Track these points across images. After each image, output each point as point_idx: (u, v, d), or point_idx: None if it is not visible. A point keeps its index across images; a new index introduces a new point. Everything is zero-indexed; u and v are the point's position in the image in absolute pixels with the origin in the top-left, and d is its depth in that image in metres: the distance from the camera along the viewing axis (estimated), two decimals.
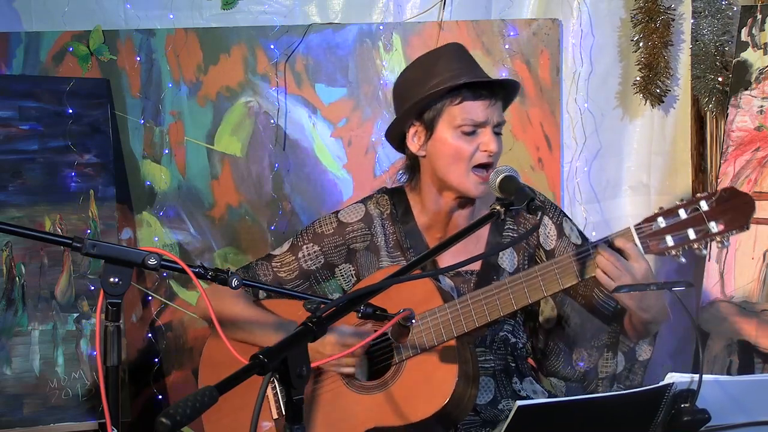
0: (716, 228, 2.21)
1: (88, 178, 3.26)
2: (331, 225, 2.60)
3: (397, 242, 2.57)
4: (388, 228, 2.59)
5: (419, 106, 2.46)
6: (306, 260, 2.59)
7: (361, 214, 2.60)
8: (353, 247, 2.59)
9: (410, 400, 2.34)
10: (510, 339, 2.56)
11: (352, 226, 2.59)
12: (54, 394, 3.10)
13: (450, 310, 2.36)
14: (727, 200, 2.22)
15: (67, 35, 3.38)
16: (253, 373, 1.58)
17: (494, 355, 2.54)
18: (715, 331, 3.11)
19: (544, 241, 2.57)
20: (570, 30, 3.42)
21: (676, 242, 2.25)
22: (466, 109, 2.42)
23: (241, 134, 3.42)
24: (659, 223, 2.27)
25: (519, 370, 2.58)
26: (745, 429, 1.95)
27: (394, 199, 2.61)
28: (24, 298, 3.14)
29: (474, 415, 2.47)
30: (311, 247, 2.59)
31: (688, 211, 2.24)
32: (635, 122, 3.46)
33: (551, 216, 2.58)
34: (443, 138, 2.44)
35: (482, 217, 2.16)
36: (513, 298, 2.34)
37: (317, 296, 2.40)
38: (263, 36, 3.40)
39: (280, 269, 2.61)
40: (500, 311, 2.35)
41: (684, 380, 1.86)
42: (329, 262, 2.60)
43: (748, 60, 3.18)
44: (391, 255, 2.57)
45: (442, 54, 2.52)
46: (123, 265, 1.89)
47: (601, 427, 1.90)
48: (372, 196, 2.65)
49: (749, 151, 3.14)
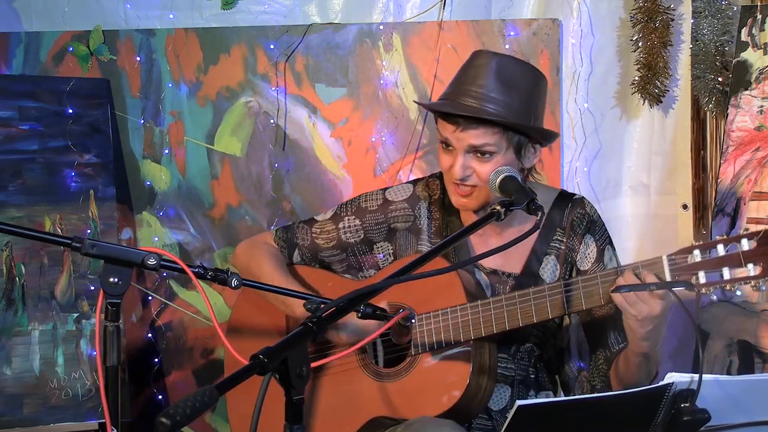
0: (754, 271, 2.06)
1: (88, 178, 3.26)
2: (376, 201, 2.62)
3: (438, 229, 2.57)
4: (434, 213, 2.59)
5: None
6: (346, 232, 2.61)
7: (408, 194, 2.61)
8: (394, 227, 2.61)
9: (421, 395, 2.35)
10: (535, 351, 2.54)
11: (396, 205, 2.60)
12: (54, 394, 3.10)
13: (471, 311, 2.35)
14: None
15: (67, 35, 3.38)
16: (253, 373, 1.58)
17: (516, 365, 2.51)
18: (715, 331, 3.11)
19: (580, 261, 2.51)
20: (570, 30, 3.42)
21: (708, 280, 2.10)
22: (441, 127, 2.44)
23: (241, 134, 3.42)
24: (695, 256, 2.13)
25: (538, 382, 2.55)
26: (745, 429, 1.95)
27: (445, 185, 2.57)
28: (24, 298, 3.14)
29: (487, 419, 2.46)
30: (353, 220, 2.62)
31: (727, 248, 2.09)
32: (635, 122, 3.46)
33: (597, 238, 2.52)
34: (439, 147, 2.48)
35: (482, 217, 2.15)
36: (534, 311, 2.30)
37: (317, 296, 2.42)
38: (263, 36, 3.40)
39: (319, 236, 2.64)
40: (519, 321, 2.32)
41: (684, 380, 1.86)
42: (369, 237, 2.62)
43: (748, 60, 3.18)
44: (431, 240, 2.57)
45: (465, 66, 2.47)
46: (123, 265, 1.89)
47: (601, 427, 1.90)
48: (423, 178, 2.66)
49: (749, 151, 3.14)
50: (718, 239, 2.11)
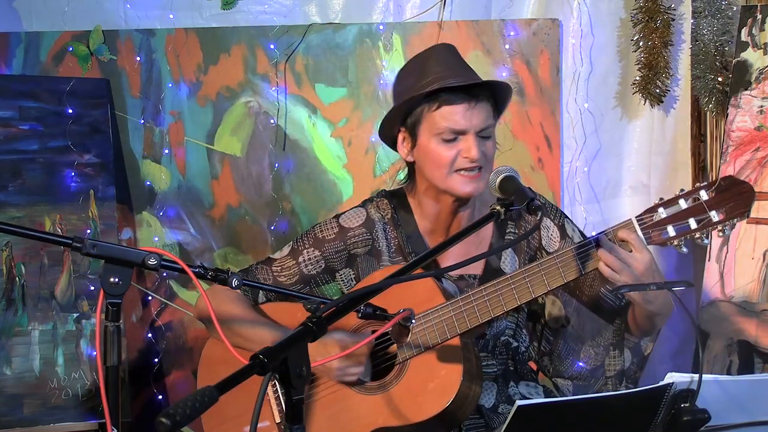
0: (717, 217, 2.23)
1: (88, 178, 3.26)
2: (332, 230, 2.58)
3: (399, 247, 2.56)
4: (390, 233, 2.57)
5: (402, 112, 2.45)
6: (307, 265, 2.58)
7: (363, 219, 2.59)
8: (354, 252, 2.58)
9: (415, 399, 2.34)
10: (512, 343, 2.55)
11: (354, 231, 2.57)
12: (54, 394, 3.10)
13: (453, 307, 2.35)
14: (727, 189, 2.23)
15: (67, 35, 3.38)
16: (253, 373, 1.58)
17: (496, 360, 2.53)
18: (715, 331, 3.11)
19: (547, 244, 2.55)
20: (570, 30, 3.42)
21: (677, 232, 2.26)
22: (444, 115, 2.39)
23: (241, 134, 3.42)
24: (660, 213, 2.28)
25: (518, 373, 2.57)
26: (745, 429, 1.95)
27: (395, 203, 2.60)
28: (24, 298, 3.14)
29: (479, 417, 2.47)
30: (312, 252, 2.58)
31: (688, 201, 2.25)
32: (635, 122, 3.46)
33: (552, 218, 2.56)
34: (425, 145, 2.43)
35: (482, 217, 2.16)
36: (516, 294, 2.33)
37: (317, 296, 2.41)
38: (263, 36, 3.40)
39: (281, 273, 2.59)
40: (504, 307, 2.34)
41: (684, 380, 1.86)
42: (330, 266, 2.59)
43: (748, 60, 3.19)
44: (392, 259, 2.56)
45: (429, 56, 2.50)
46: (123, 265, 1.89)
47: (601, 427, 1.90)
48: (372, 200, 2.63)
49: (749, 151, 3.14)
50: (678, 194, 2.27)
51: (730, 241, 3.10)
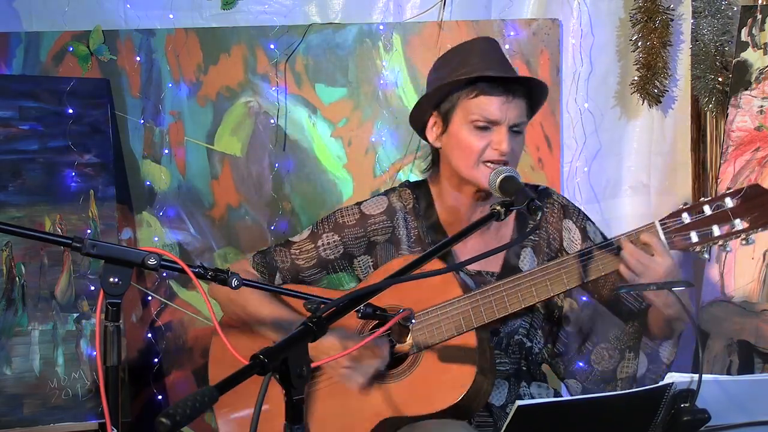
0: (741, 225, 2.23)
1: (88, 178, 3.26)
2: (353, 216, 2.60)
3: (418, 237, 2.57)
4: (411, 222, 2.58)
5: (437, 97, 2.46)
6: (325, 249, 2.59)
7: (384, 207, 2.60)
8: (374, 240, 2.59)
9: (428, 390, 2.35)
10: (525, 343, 2.55)
11: (374, 218, 2.59)
12: (54, 394, 3.10)
13: (470, 300, 2.36)
14: (753, 198, 2.23)
15: (67, 35, 3.38)
16: (254, 373, 1.58)
17: (509, 359, 2.53)
18: (715, 331, 3.11)
19: (568, 246, 2.55)
20: (570, 30, 3.42)
21: (700, 239, 2.25)
22: (480, 105, 2.40)
23: (241, 134, 3.42)
24: (684, 218, 2.27)
25: (531, 374, 2.57)
26: (745, 429, 1.95)
27: (417, 193, 2.60)
28: (24, 298, 3.14)
29: (488, 415, 2.47)
30: (331, 237, 2.59)
31: (713, 208, 2.24)
32: (635, 122, 3.46)
33: (575, 220, 2.56)
34: (457, 131, 2.44)
35: (483, 217, 2.15)
36: (535, 290, 2.34)
37: (317, 296, 2.40)
38: (263, 36, 3.40)
39: (299, 256, 2.60)
40: (521, 303, 2.35)
41: (684, 380, 1.86)
42: (348, 252, 2.60)
43: (748, 60, 3.19)
44: (411, 249, 2.57)
45: (471, 48, 2.50)
46: (123, 265, 1.89)
47: (601, 427, 1.90)
48: (395, 189, 2.65)
49: (749, 151, 3.14)
50: (703, 200, 2.26)
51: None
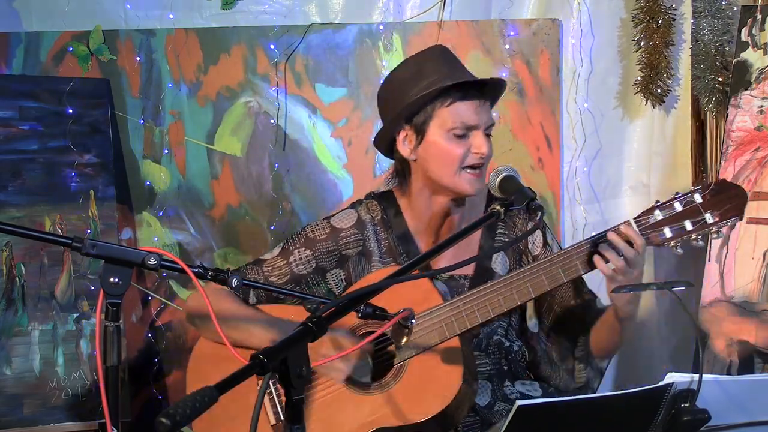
0: (712, 219, 2.31)
1: (88, 178, 3.26)
2: (323, 230, 2.59)
3: (389, 247, 2.57)
4: (380, 234, 2.58)
5: (409, 110, 2.45)
6: (297, 264, 2.58)
7: (354, 220, 2.60)
8: (345, 253, 2.59)
9: (415, 399, 2.34)
10: (504, 343, 2.57)
11: (345, 232, 2.58)
12: (54, 394, 3.10)
13: (452, 307, 2.36)
14: (721, 192, 2.32)
15: (67, 35, 3.38)
16: (253, 373, 1.58)
17: (489, 359, 2.55)
18: (715, 331, 3.11)
19: (531, 247, 2.59)
20: (570, 30, 3.42)
21: (674, 233, 2.33)
22: (456, 112, 2.41)
23: (241, 134, 3.42)
24: (656, 215, 2.34)
25: (512, 372, 2.59)
26: (745, 429, 1.95)
27: (384, 204, 2.61)
28: (24, 298, 3.14)
29: (474, 415, 2.47)
30: (303, 252, 2.58)
31: (684, 203, 2.33)
32: (635, 122, 3.46)
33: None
34: (435, 141, 2.44)
35: (483, 217, 2.16)
36: (516, 293, 2.35)
37: (317, 296, 2.40)
38: (263, 36, 3.40)
39: (271, 273, 2.59)
40: (503, 307, 2.36)
41: (684, 380, 1.86)
42: (321, 266, 2.59)
43: (748, 60, 3.18)
44: (383, 260, 2.57)
45: (428, 57, 2.52)
46: (123, 265, 1.89)
47: (601, 427, 1.90)
48: (362, 202, 2.65)
49: (749, 151, 3.14)
50: (673, 197, 2.34)
51: (730, 242, 3.10)
